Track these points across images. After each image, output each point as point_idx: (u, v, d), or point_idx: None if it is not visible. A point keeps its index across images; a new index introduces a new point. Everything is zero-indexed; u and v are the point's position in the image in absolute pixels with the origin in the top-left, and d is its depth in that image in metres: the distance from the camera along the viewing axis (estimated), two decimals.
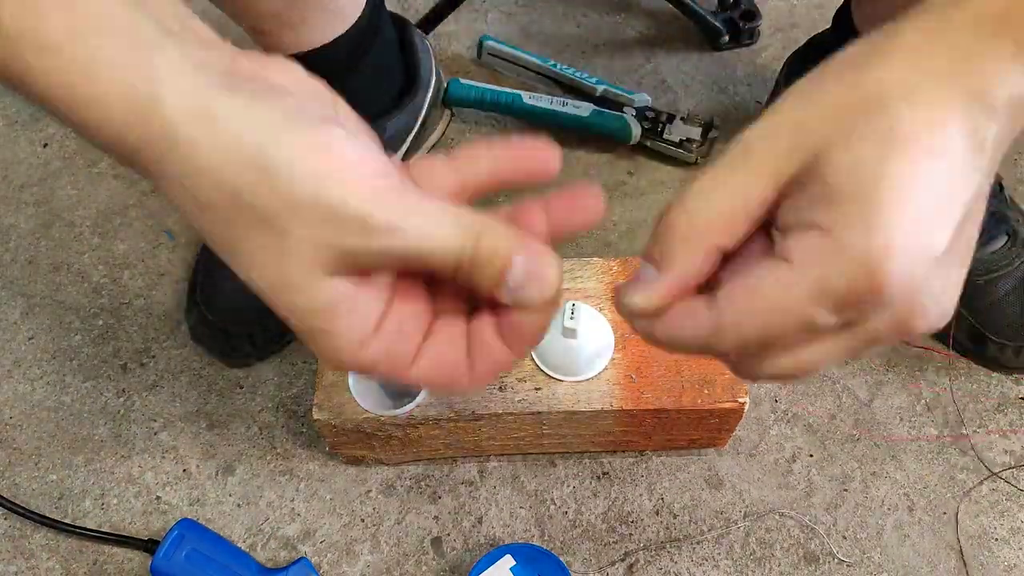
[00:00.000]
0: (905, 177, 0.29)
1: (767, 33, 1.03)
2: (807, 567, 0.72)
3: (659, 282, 0.33)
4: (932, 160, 0.29)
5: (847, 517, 0.74)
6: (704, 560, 0.73)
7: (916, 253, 0.29)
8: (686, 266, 0.33)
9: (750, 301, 0.31)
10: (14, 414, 0.81)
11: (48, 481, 0.77)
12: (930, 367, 0.81)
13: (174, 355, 0.82)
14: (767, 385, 0.80)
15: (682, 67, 1.00)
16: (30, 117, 0.98)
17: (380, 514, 0.75)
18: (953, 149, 0.29)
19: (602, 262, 0.73)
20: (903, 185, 0.29)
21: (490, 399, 0.68)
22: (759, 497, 0.75)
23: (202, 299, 0.80)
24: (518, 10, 1.05)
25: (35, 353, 0.84)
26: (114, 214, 0.91)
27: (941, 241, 0.30)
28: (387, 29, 0.80)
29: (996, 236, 0.79)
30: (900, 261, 0.29)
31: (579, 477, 0.76)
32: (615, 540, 0.74)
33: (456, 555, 0.74)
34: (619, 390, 0.68)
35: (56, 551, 0.74)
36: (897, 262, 0.29)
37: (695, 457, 0.77)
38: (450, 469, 0.77)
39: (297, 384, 0.81)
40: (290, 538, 0.74)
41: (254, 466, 0.78)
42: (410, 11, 1.04)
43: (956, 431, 0.78)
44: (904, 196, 0.29)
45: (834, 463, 0.77)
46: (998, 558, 0.73)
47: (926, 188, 0.29)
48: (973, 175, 0.30)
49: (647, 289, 0.33)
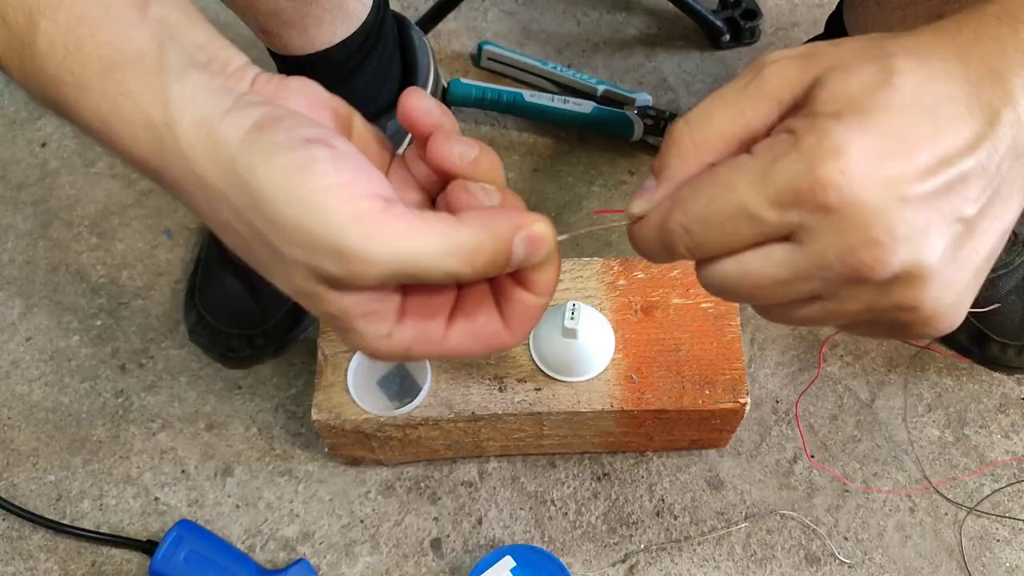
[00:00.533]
0: (883, 106, 0.30)
1: (768, 32, 1.03)
2: (808, 568, 0.72)
3: (656, 192, 0.35)
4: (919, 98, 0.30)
5: (848, 518, 0.74)
6: (705, 561, 0.73)
7: (867, 172, 0.29)
8: (679, 179, 0.34)
9: (702, 180, 0.32)
10: (12, 415, 0.80)
11: (46, 482, 0.77)
12: (931, 367, 0.81)
13: (173, 356, 0.82)
14: (768, 386, 0.80)
15: (683, 66, 1.00)
16: (28, 116, 0.98)
17: (379, 515, 0.75)
18: (946, 103, 0.30)
19: (602, 262, 0.72)
20: (878, 111, 0.29)
21: (490, 399, 0.67)
22: (760, 498, 0.75)
23: (201, 300, 0.80)
24: (518, 8, 1.04)
25: (33, 354, 0.84)
26: (112, 214, 0.91)
27: (904, 175, 0.29)
28: (390, 29, 0.80)
29: None
30: (848, 172, 0.29)
31: (579, 478, 0.76)
32: (616, 541, 0.74)
33: (456, 556, 0.73)
34: (619, 390, 0.67)
35: (54, 552, 0.74)
36: (844, 171, 0.29)
37: (696, 458, 0.77)
38: (450, 470, 0.77)
39: (296, 385, 0.81)
40: (289, 539, 0.74)
41: (253, 467, 0.77)
42: (410, 9, 1.03)
43: (957, 431, 0.78)
44: (876, 120, 0.29)
45: (835, 464, 0.77)
46: (1000, 559, 0.72)
47: (903, 123, 0.29)
48: (965, 132, 0.30)
49: (645, 196, 0.35)
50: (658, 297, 0.71)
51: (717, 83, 0.99)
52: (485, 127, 0.95)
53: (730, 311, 0.70)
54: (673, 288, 0.71)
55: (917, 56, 0.31)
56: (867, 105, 0.30)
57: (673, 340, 0.69)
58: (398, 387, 0.67)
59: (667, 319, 0.70)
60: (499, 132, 0.95)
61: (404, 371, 0.68)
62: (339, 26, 0.73)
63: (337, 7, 0.72)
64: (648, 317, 0.70)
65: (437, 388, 0.68)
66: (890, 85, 0.30)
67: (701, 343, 0.69)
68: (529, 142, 0.94)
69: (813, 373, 0.81)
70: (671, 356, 0.69)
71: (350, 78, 0.77)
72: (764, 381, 0.80)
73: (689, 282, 0.71)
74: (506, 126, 0.95)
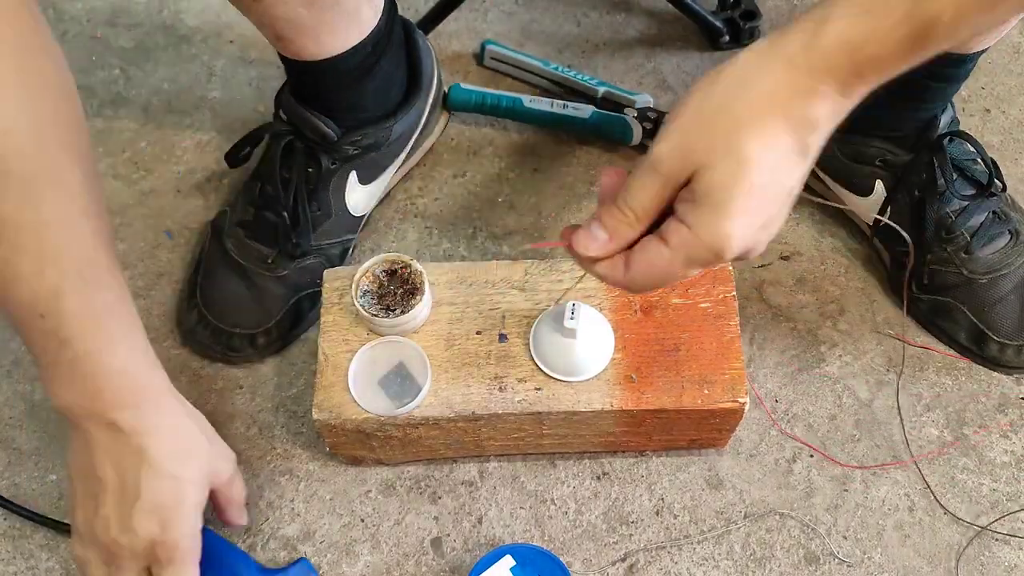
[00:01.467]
0: (744, 191, 0.46)
1: (768, 33, 1.03)
2: (808, 567, 0.72)
3: (609, 244, 0.51)
4: (768, 186, 0.46)
5: (847, 517, 0.74)
6: (704, 560, 0.73)
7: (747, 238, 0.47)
8: (627, 238, 0.51)
9: (648, 270, 0.50)
10: (14, 414, 0.81)
11: (48, 481, 0.77)
12: (930, 367, 0.81)
13: (173, 355, 0.82)
14: (768, 386, 0.80)
15: (683, 67, 1.00)
16: None
17: (380, 514, 0.75)
18: (787, 170, 0.47)
19: None
20: (742, 197, 0.46)
21: (490, 399, 0.68)
22: (759, 497, 0.75)
23: (202, 299, 0.80)
24: (518, 9, 1.04)
25: None
26: (113, 214, 0.91)
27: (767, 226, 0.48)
28: (398, 35, 0.80)
29: (998, 236, 0.79)
30: (736, 246, 0.47)
31: (579, 477, 0.76)
32: (615, 540, 0.74)
33: (456, 555, 0.73)
34: (619, 390, 0.68)
35: (56, 551, 0.74)
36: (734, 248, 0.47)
37: (695, 457, 0.77)
38: (450, 469, 0.77)
39: (297, 384, 0.81)
40: (290, 538, 0.74)
41: (254, 466, 0.78)
42: (410, 11, 1.03)
43: (956, 431, 0.78)
44: (741, 205, 0.46)
45: (834, 463, 0.77)
46: (999, 559, 0.72)
47: (758, 204, 0.47)
48: (797, 173, 0.48)
49: (599, 246, 0.51)
50: (657, 297, 0.71)
51: None
52: (486, 128, 0.96)
53: (729, 311, 0.70)
54: (672, 288, 0.71)
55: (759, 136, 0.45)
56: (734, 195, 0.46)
57: (672, 340, 0.69)
58: (398, 387, 0.68)
59: (667, 319, 0.70)
60: (499, 133, 0.95)
61: (405, 371, 0.68)
62: (351, 32, 0.73)
63: (352, 14, 0.72)
64: (648, 317, 0.70)
65: (437, 388, 0.68)
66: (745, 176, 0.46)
67: (700, 343, 0.69)
68: (529, 143, 0.95)
69: (812, 373, 0.81)
70: (670, 356, 0.69)
71: (360, 82, 0.77)
72: (763, 381, 0.81)
73: (689, 282, 0.71)
74: (506, 127, 0.96)
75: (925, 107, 0.78)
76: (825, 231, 0.89)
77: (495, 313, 0.71)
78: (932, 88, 0.76)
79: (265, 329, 0.80)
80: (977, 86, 0.97)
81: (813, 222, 0.89)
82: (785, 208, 0.49)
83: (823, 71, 0.45)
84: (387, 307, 0.68)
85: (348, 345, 0.69)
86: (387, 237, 0.89)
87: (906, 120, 0.79)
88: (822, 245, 0.88)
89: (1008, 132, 0.95)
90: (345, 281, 0.72)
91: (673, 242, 0.48)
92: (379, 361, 0.69)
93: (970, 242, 0.78)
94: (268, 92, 0.95)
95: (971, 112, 0.96)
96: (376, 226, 0.89)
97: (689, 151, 0.47)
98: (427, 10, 1.00)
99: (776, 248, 0.88)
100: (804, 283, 0.86)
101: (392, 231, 0.90)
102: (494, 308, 0.71)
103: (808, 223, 0.89)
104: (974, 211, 0.78)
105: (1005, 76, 0.99)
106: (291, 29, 0.70)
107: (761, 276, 0.86)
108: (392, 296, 0.68)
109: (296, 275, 0.81)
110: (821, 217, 0.90)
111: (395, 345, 0.69)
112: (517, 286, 0.72)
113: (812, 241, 0.88)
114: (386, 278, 0.69)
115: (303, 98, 0.78)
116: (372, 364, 0.68)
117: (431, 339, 0.70)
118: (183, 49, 1.02)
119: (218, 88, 0.99)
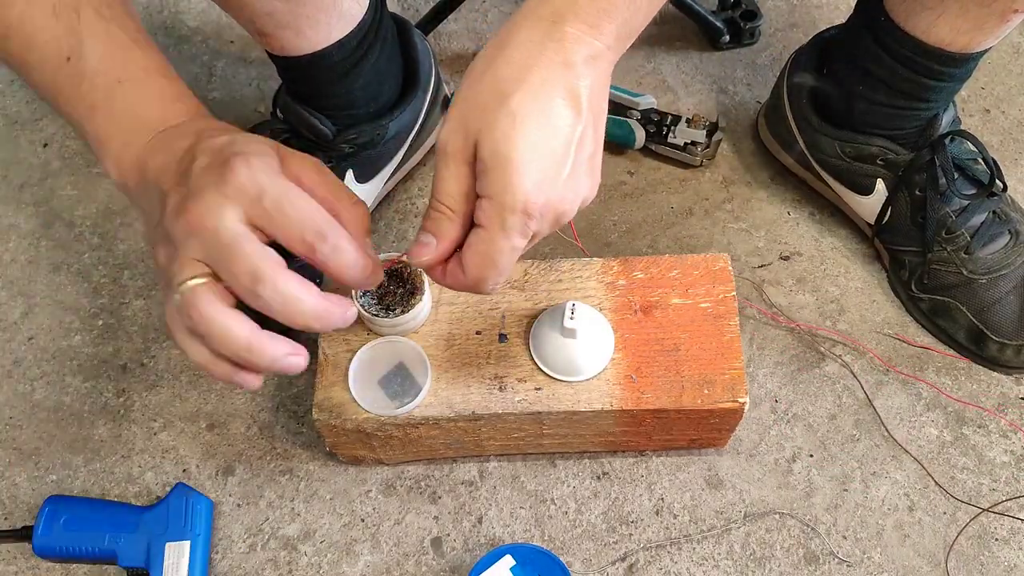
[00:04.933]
0: (521, 144, 0.46)
1: (768, 33, 1.03)
2: (807, 567, 0.72)
3: (441, 246, 0.50)
4: (543, 130, 0.47)
5: (847, 517, 0.74)
6: (704, 560, 0.73)
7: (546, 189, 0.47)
8: (452, 235, 0.50)
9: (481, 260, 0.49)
10: (14, 414, 0.81)
11: (48, 481, 0.77)
12: (930, 367, 0.81)
13: (174, 355, 0.82)
14: (768, 386, 0.80)
15: (683, 66, 1.00)
16: (30, 117, 0.98)
17: (380, 514, 0.75)
18: (557, 114, 0.47)
19: (602, 262, 0.73)
20: (521, 149, 0.46)
21: (490, 399, 0.68)
22: (759, 497, 0.75)
23: None
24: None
25: (35, 353, 0.84)
26: (114, 214, 0.91)
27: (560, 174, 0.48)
28: (388, 30, 0.80)
29: (998, 236, 0.79)
30: (536, 199, 0.47)
31: (579, 477, 0.76)
32: (615, 540, 0.74)
33: (456, 555, 0.73)
34: (619, 390, 0.68)
35: None
36: (534, 200, 0.47)
37: (695, 457, 0.77)
38: (450, 469, 0.77)
39: (297, 384, 0.81)
40: (290, 538, 0.74)
41: (254, 466, 0.78)
42: (410, 11, 1.04)
43: (956, 431, 0.78)
44: (524, 156, 0.46)
45: (834, 463, 0.77)
46: (998, 558, 0.73)
47: (541, 152, 0.46)
48: (571, 119, 0.47)
49: (431, 251, 0.50)
50: (657, 297, 0.71)
51: (716, 84, 0.99)
52: None
53: (729, 311, 0.70)
54: (672, 288, 0.71)
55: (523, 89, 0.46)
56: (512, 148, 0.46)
57: (672, 340, 0.69)
58: (398, 387, 0.68)
59: (666, 319, 0.70)
60: None
61: (405, 371, 0.68)
62: (335, 26, 0.73)
63: (332, 7, 0.72)
64: (647, 317, 0.70)
65: (437, 388, 0.68)
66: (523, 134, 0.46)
67: (700, 343, 0.69)
68: None
69: (812, 373, 0.81)
70: (670, 356, 0.69)
71: (348, 77, 0.77)
72: (763, 381, 0.81)
73: (688, 282, 0.71)
74: None
75: (926, 106, 0.78)
76: (825, 231, 0.89)
77: (495, 313, 0.71)
78: (933, 87, 0.76)
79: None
80: (977, 86, 0.97)
81: (813, 222, 0.89)
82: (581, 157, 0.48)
83: (568, 14, 0.47)
84: (387, 307, 0.68)
85: (348, 345, 0.69)
86: (387, 237, 0.89)
87: (907, 119, 0.79)
88: (822, 245, 0.88)
89: (1008, 132, 0.95)
90: None
91: (483, 220, 0.48)
92: (379, 361, 0.69)
93: (970, 242, 0.78)
94: (268, 92, 0.95)
95: (971, 112, 0.96)
96: (376, 226, 0.89)
97: (465, 124, 0.47)
98: (427, 10, 1.00)
99: (776, 248, 0.88)
100: (804, 283, 0.86)
101: (392, 231, 0.90)
102: (494, 308, 0.71)
103: (808, 223, 0.89)
104: (975, 211, 0.78)
105: (1005, 76, 0.99)
106: (270, 23, 0.70)
107: (761, 276, 0.86)
108: (392, 296, 0.68)
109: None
110: (821, 217, 0.90)
111: (395, 345, 0.69)
112: (517, 286, 0.72)
113: (812, 241, 0.88)
114: (386, 278, 0.69)
115: (299, 97, 0.78)
116: (372, 364, 0.68)
117: (431, 339, 0.70)
118: (183, 49, 1.02)
119: (218, 88, 0.99)
